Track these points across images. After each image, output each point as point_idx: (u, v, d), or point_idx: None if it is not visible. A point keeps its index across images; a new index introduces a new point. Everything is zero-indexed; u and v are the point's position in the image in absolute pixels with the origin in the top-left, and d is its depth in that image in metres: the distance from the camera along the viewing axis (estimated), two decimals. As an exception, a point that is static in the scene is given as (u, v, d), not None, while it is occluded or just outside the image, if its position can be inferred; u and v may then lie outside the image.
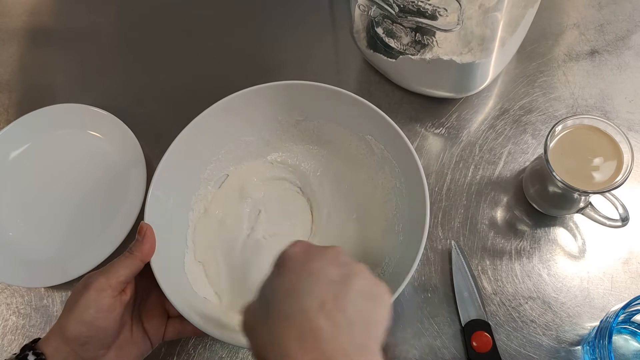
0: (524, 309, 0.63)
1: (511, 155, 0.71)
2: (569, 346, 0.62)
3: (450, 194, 0.70)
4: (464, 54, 0.65)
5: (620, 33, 0.78)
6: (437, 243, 0.67)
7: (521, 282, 0.65)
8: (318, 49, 0.83)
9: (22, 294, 0.70)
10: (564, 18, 0.80)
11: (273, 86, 0.64)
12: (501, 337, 0.62)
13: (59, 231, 0.72)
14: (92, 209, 0.73)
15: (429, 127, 0.74)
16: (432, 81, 0.71)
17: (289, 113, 0.68)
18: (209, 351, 0.65)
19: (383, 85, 0.77)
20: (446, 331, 0.63)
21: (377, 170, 0.67)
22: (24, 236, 0.72)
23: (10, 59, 0.87)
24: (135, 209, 0.70)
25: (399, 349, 0.63)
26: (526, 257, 0.66)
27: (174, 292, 0.55)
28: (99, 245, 0.69)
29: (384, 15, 0.65)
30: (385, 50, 0.70)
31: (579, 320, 0.63)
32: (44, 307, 0.69)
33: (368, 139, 0.66)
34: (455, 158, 0.72)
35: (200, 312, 0.57)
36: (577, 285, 0.64)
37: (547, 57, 0.77)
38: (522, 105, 0.74)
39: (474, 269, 0.66)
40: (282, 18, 0.86)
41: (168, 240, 0.60)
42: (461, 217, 0.69)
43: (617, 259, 0.65)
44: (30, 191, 0.75)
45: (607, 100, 0.74)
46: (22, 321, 0.69)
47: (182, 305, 0.55)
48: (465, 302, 0.64)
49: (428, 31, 0.63)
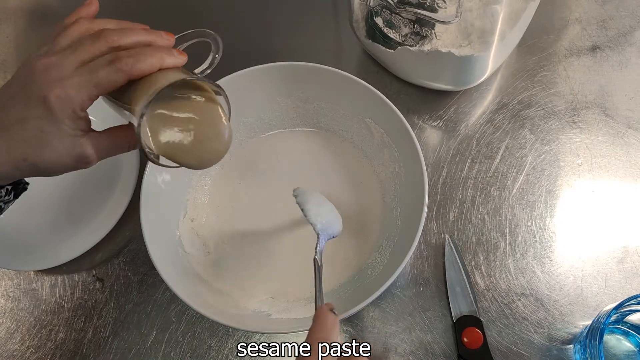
0: (517, 306, 0.63)
1: (508, 150, 0.71)
2: (560, 344, 0.61)
3: (446, 187, 0.69)
4: (463, 47, 0.64)
5: (623, 29, 0.78)
6: (431, 237, 0.67)
7: (514, 279, 0.64)
8: (318, 38, 0.82)
9: (11, 277, 0.70)
10: (566, 13, 0.79)
11: (273, 67, 0.65)
12: (492, 333, 0.62)
13: (49, 215, 0.72)
14: (83, 193, 0.72)
15: (427, 120, 0.73)
16: (431, 73, 0.70)
17: (288, 94, 0.68)
18: (198, 339, 0.64)
19: (382, 75, 0.77)
20: (437, 326, 0.63)
21: (376, 153, 0.67)
22: (14, 219, 0.71)
23: (7, 39, 0.87)
24: (128, 192, 0.69)
25: (390, 342, 0.62)
26: (520, 254, 0.65)
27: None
28: (90, 229, 0.69)
29: (383, 6, 0.64)
30: (384, 40, 0.69)
31: (571, 318, 0.62)
32: (33, 291, 0.69)
33: (368, 122, 0.66)
34: (452, 151, 0.71)
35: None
36: (570, 284, 0.64)
37: (548, 52, 0.77)
38: (521, 100, 0.74)
39: (467, 264, 0.65)
40: (282, 5, 0.85)
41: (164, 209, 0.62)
42: (456, 212, 0.68)
43: (612, 258, 0.65)
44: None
45: (607, 96, 0.73)
46: (11, 304, 0.69)
47: None
48: (457, 298, 0.63)
49: (427, 23, 0.62)
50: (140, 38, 0.46)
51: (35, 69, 0.43)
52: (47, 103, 0.42)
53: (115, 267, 0.69)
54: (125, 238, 0.71)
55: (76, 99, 0.43)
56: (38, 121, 0.43)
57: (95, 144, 0.47)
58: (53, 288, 0.69)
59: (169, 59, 0.46)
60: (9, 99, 0.44)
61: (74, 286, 0.69)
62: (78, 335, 0.66)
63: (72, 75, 0.43)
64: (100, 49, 0.44)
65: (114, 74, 0.43)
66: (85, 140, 0.46)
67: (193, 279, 0.61)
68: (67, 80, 0.43)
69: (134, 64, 0.44)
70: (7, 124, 0.43)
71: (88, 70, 0.43)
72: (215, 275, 0.64)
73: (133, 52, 0.44)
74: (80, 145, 0.45)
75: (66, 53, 0.44)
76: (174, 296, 0.65)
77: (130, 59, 0.44)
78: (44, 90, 0.42)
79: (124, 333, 0.66)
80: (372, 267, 0.62)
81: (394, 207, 0.64)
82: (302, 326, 0.53)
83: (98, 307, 0.67)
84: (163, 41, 0.48)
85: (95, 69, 0.43)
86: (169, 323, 0.66)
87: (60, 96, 0.42)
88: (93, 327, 0.66)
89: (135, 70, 0.44)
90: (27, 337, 0.67)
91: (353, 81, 0.63)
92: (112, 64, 0.43)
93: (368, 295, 0.53)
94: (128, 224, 0.71)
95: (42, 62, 0.44)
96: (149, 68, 0.45)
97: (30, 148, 0.44)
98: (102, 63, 0.44)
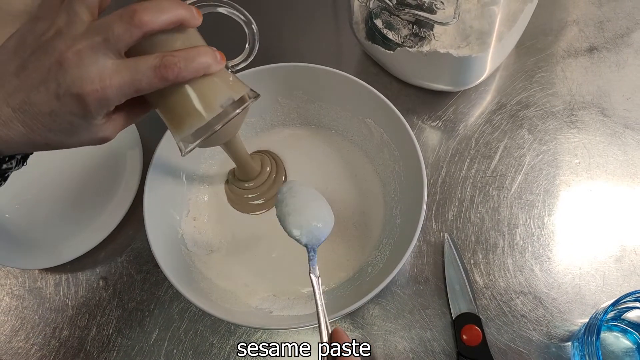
0: (515, 304, 0.63)
1: (507, 150, 0.71)
2: (559, 342, 0.62)
3: (445, 187, 0.70)
4: (461, 48, 0.64)
5: (620, 31, 0.78)
6: (430, 235, 0.67)
7: (513, 277, 0.65)
8: (318, 40, 0.83)
9: (16, 275, 0.71)
10: (564, 14, 0.80)
11: (274, 68, 0.65)
12: (491, 331, 0.62)
13: (54, 213, 0.72)
14: (88, 192, 0.73)
15: (426, 120, 0.74)
16: (430, 74, 0.71)
17: (289, 95, 0.69)
18: (200, 337, 0.65)
19: (381, 77, 0.77)
20: (437, 323, 0.63)
21: (376, 153, 0.68)
22: (19, 218, 0.72)
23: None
24: (131, 192, 0.70)
25: (390, 339, 0.63)
26: (519, 252, 0.66)
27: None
28: (94, 228, 0.70)
29: (382, 7, 0.65)
30: (384, 42, 0.70)
31: (569, 316, 0.63)
32: (37, 289, 0.70)
33: (368, 122, 0.67)
34: (451, 151, 0.72)
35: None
36: (568, 282, 0.64)
37: (546, 53, 0.77)
38: (519, 100, 0.74)
39: (466, 263, 0.66)
40: (282, 7, 0.86)
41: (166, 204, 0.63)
42: (455, 210, 0.69)
43: (610, 256, 0.65)
44: (27, 173, 0.74)
45: (605, 97, 0.74)
46: (16, 302, 0.69)
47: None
48: (456, 295, 0.64)
49: (426, 24, 0.62)
50: (171, 16, 0.42)
51: (67, 59, 0.40)
52: (83, 102, 0.41)
53: (118, 266, 0.70)
54: (129, 237, 0.71)
55: (114, 100, 0.42)
56: (69, 116, 0.42)
57: (114, 124, 0.46)
58: (57, 286, 0.70)
59: (215, 67, 0.45)
60: (25, 76, 0.41)
61: (78, 284, 0.69)
62: (82, 333, 0.67)
63: (112, 75, 0.41)
64: (133, 36, 0.41)
65: (158, 81, 0.42)
66: (107, 124, 0.45)
67: (196, 277, 0.62)
68: (106, 80, 0.40)
69: (180, 73, 0.42)
70: (34, 112, 0.41)
71: (130, 73, 0.41)
72: (218, 273, 0.65)
73: (181, 58, 0.42)
74: (103, 130, 0.45)
75: (96, 40, 0.40)
76: (176, 294, 0.66)
77: (176, 68, 0.42)
78: (79, 87, 0.40)
79: (127, 331, 0.66)
80: (372, 265, 0.63)
81: (394, 205, 0.65)
82: (302, 323, 0.54)
83: (102, 305, 0.68)
84: (194, 20, 0.44)
85: (138, 71, 0.41)
86: (172, 321, 0.66)
87: (99, 98, 0.41)
88: (97, 324, 0.67)
89: (180, 78, 0.43)
90: (31, 335, 0.67)
91: (354, 82, 0.63)
92: (158, 71, 0.41)
93: (368, 293, 0.54)
94: (131, 223, 0.71)
95: (74, 50, 0.40)
96: (193, 76, 0.44)
97: (55, 136, 0.43)
98: (146, 67, 0.41)
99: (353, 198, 0.68)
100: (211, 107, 0.46)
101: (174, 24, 0.43)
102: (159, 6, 0.42)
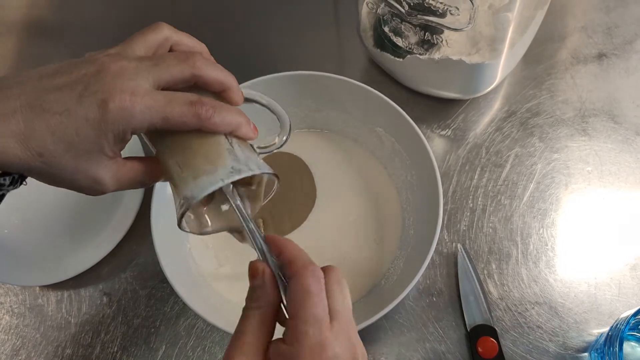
0: (530, 315, 0.62)
1: (518, 158, 0.71)
2: (575, 352, 0.61)
3: (456, 196, 0.69)
4: (472, 55, 0.64)
5: (629, 37, 0.78)
6: (442, 246, 0.66)
7: (527, 287, 0.64)
8: (322, 48, 0.82)
9: (16, 293, 0.69)
10: (572, 21, 0.80)
11: (282, 76, 0.64)
12: (507, 342, 0.61)
13: (54, 229, 0.71)
14: (90, 207, 0.71)
15: (435, 129, 0.73)
16: (440, 81, 0.70)
17: (298, 104, 0.68)
18: (208, 354, 0.63)
19: (388, 85, 0.76)
20: (451, 336, 0.62)
21: (388, 161, 0.67)
22: (19, 234, 0.71)
23: (9, 52, 0.86)
24: (134, 206, 0.69)
25: (403, 353, 0.62)
26: (532, 262, 0.65)
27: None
28: (97, 243, 0.68)
29: (393, 14, 0.64)
30: (393, 49, 0.69)
31: (585, 326, 0.62)
32: (38, 307, 0.68)
33: (378, 131, 0.66)
34: (461, 160, 0.71)
35: None
36: (584, 291, 0.63)
37: (555, 60, 0.77)
38: (529, 108, 0.74)
39: (480, 273, 0.65)
40: (285, 15, 0.85)
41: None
42: (467, 220, 0.68)
43: (625, 265, 0.64)
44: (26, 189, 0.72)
45: (615, 104, 0.73)
46: (16, 320, 0.67)
47: None
48: (471, 307, 0.62)
49: (437, 30, 0.62)
50: (222, 77, 0.42)
51: (108, 68, 0.38)
52: (105, 108, 0.37)
53: (122, 282, 0.68)
54: (132, 252, 0.70)
55: (136, 120, 0.38)
56: (81, 121, 0.37)
57: (115, 173, 0.41)
58: (59, 303, 0.68)
59: (244, 130, 0.42)
60: (54, 78, 0.38)
61: (80, 301, 0.68)
62: (85, 351, 0.65)
63: (146, 93, 0.38)
64: (183, 73, 0.40)
65: (188, 118, 0.39)
66: (109, 163, 0.40)
67: (205, 292, 0.61)
68: (138, 95, 0.38)
69: (211, 118, 0.40)
70: (43, 109, 0.37)
71: (165, 99, 0.39)
72: (227, 287, 0.63)
73: (217, 105, 0.40)
74: (103, 168, 0.40)
75: (146, 65, 0.39)
76: (183, 310, 0.65)
77: (212, 110, 0.39)
78: (106, 93, 0.37)
79: (133, 348, 0.65)
80: (386, 277, 0.62)
81: (407, 216, 0.64)
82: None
83: (105, 322, 0.66)
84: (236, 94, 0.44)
85: (173, 101, 0.39)
86: (179, 337, 0.64)
87: (123, 108, 0.37)
88: (101, 342, 0.65)
89: (209, 124, 0.40)
90: (33, 354, 0.65)
91: (364, 90, 0.62)
92: (192, 106, 0.39)
93: (383, 306, 0.53)
94: (135, 238, 0.70)
95: (118, 64, 0.38)
96: (222, 129, 0.41)
97: (53, 144, 0.37)
98: (182, 100, 0.39)
99: (370, 208, 0.67)
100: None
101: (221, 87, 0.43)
102: (216, 65, 0.42)
